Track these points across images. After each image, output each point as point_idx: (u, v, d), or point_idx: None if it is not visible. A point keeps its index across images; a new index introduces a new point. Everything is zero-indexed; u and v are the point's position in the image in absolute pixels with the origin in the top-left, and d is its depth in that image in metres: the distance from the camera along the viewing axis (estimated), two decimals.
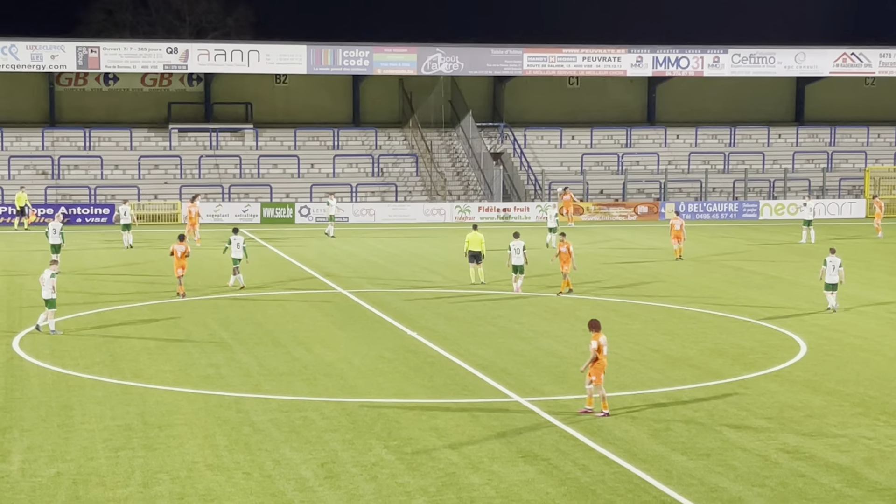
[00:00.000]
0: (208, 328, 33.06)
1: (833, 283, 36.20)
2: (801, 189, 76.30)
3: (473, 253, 41.40)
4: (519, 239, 39.49)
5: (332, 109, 79.44)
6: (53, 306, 31.81)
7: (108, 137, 74.46)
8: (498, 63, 76.90)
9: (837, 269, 36.13)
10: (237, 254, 40.66)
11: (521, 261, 39.05)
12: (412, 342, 31.22)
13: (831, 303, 36.54)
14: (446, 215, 68.48)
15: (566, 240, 40.34)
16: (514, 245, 39.15)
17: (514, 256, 39.14)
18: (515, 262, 39.13)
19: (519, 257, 39.02)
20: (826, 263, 36.31)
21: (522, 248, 39.14)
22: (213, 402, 24.44)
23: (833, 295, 36.41)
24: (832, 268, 36.15)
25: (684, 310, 36.88)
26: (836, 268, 36.13)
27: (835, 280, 36.17)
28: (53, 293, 31.61)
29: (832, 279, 36.18)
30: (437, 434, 22.14)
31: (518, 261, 39.06)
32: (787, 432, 22.43)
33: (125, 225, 54.75)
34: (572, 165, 77.33)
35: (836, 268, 36.13)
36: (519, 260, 39.04)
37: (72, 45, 72.48)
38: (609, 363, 28.38)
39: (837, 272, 36.12)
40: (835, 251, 36.89)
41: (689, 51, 78.80)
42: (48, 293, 31.57)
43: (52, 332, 31.77)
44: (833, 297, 36.43)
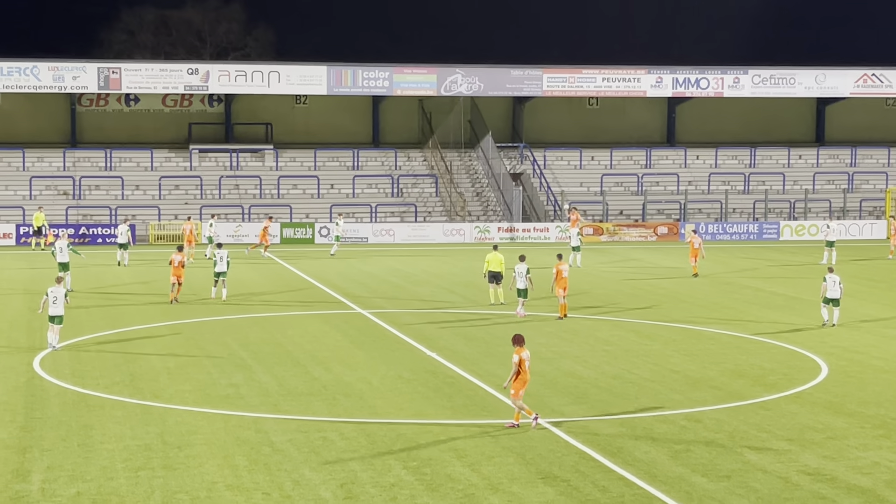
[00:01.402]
0: (228, 348, 33.09)
1: (835, 297, 37.07)
2: (822, 210, 76.09)
3: (493, 273, 41.25)
4: (524, 263, 39.01)
5: (351, 130, 79.62)
6: (61, 322, 32.46)
7: (128, 158, 74.76)
8: (517, 84, 77.00)
9: (838, 284, 37.04)
10: (221, 267, 42.75)
11: (524, 284, 38.57)
12: (431, 362, 31.18)
13: (826, 317, 37.41)
14: (466, 236, 68.49)
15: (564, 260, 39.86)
16: (519, 269, 38.66)
17: (518, 280, 38.69)
18: (519, 286, 38.64)
19: (522, 281, 38.51)
20: (826, 280, 37.20)
21: (526, 271, 38.62)
22: (233, 422, 24.43)
23: (836, 310, 37.25)
24: (833, 283, 37.01)
25: (704, 331, 36.75)
26: (836, 283, 37.03)
27: (836, 295, 37.04)
28: (61, 310, 32.29)
29: (833, 294, 37.04)
30: (457, 455, 22.09)
31: (521, 284, 38.58)
32: (808, 454, 22.30)
33: (121, 244, 54.75)
34: (592, 186, 77.28)
35: (836, 283, 37.03)
36: (522, 284, 38.55)
37: (93, 66, 72.87)
38: (630, 384, 28.41)
39: (839, 288, 37.03)
40: (832, 270, 37.97)
41: (709, 71, 78.77)
42: (58, 310, 32.18)
43: (53, 347, 32.33)
44: (836, 312, 37.27)
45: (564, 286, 38.50)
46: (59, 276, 34.69)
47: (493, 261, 41.27)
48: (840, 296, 37.16)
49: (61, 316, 32.40)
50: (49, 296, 32.41)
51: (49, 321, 32.51)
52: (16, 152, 73.60)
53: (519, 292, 38.83)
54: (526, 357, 24.05)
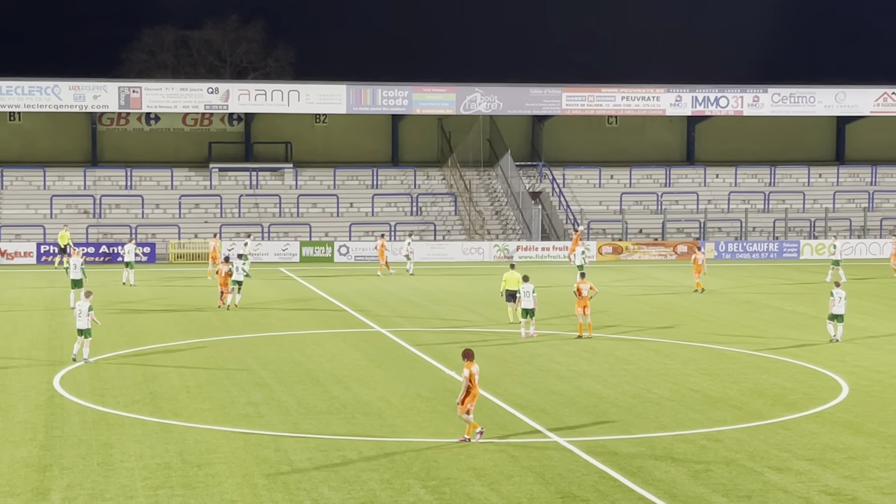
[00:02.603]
0: (247, 367, 33.13)
1: (839, 313, 37.52)
2: (842, 229, 75.85)
3: (511, 292, 41.09)
4: (528, 282, 38.64)
5: (371, 149, 79.79)
6: (90, 335, 33.33)
7: (149, 177, 75.04)
8: (537, 102, 77.08)
9: (843, 300, 37.59)
10: (238, 276, 45.93)
11: (531, 304, 38.25)
12: (450, 381, 31.14)
13: (832, 332, 37.83)
14: (485, 254, 68.48)
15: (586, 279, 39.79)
16: (524, 288, 38.28)
17: (524, 300, 38.32)
18: (525, 305, 38.25)
19: (529, 301, 38.20)
20: (833, 295, 37.64)
21: (532, 290, 38.31)
22: (252, 441, 24.45)
23: (840, 326, 37.74)
24: (839, 299, 37.49)
25: (724, 350, 36.65)
26: (842, 299, 37.55)
27: (841, 311, 37.52)
28: (87, 323, 33.12)
29: (839, 310, 37.52)
30: (476, 474, 22.05)
31: (528, 304, 38.27)
32: (829, 474, 22.20)
33: (127, 262, 54.74)
34: (611, 205, 77.24)
35: (842, 299, 37.55)
36: (529, 304, 38.24)
37: (114, 85, 73.22)
38: (650, 403, 28.34)
39: (843, 303, 37.57)
40: (839, 285, 38.63)
41: (729, 90, 78.74)
42: (84, 323, 33.05)
43: (85, 360, 33.20)
44: (840, 328, 37.75)
45: (584, 305, 38.40)
46: (87, 291, 34.95)
47: (510, 280, 41.08)
48: (844, 311, 37.68)
49: (87, 329, 33.22)
50: (76, 309, 33.56)
51: (77, 334, 33.48)
52: (37, 171, 73.96)
53: (524, 312, 38.48)
54: (476, 371, 24.37)
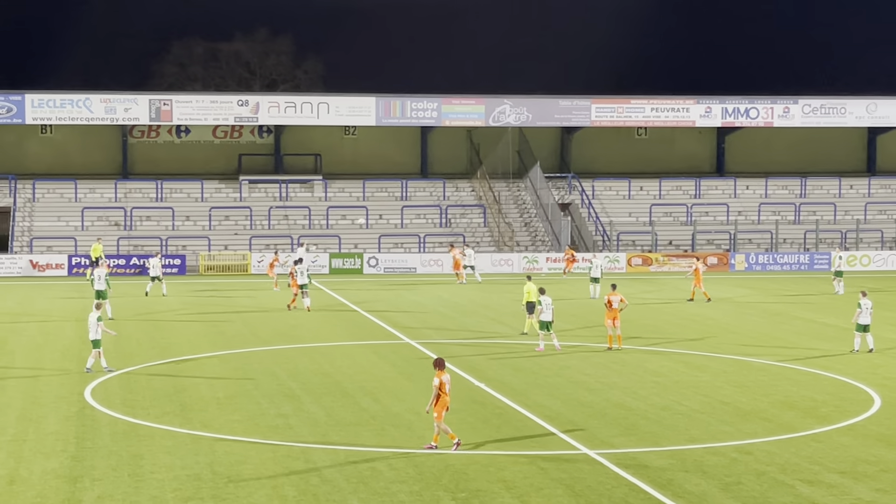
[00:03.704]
0: (277, 378, 33.19)
1: (866, 324, 37.70)
2: (874, 240, 75.43)
3: (531, 304, 40.98)
4: (546, 295, 38.49)
5: (400, 160, 79.91)
6: (99, 346, 33.81)
7: (179, 189, 75.36)
8: (566, 114, 77.05)
9: (870, 310, 37.75)
10: (302, 280, 48.65)
11: (549, 317, 38.04)
12: (480, 393, 31.12)
13: (858, 344, 37.97)
14: (514, 266, 68.42)
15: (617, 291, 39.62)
16: (544, 300, 38.11)
17: (544, 312, 38.08)
18: (545, 318, 38.07)
19: (548, 313, 38.00)
20: (861, 306, 37.78)
21: (550, 303, 38.11)
22: (282, 453, 24.48)
23: (868, 336, 37.87)
24: (866, 310, 37.66)
25: (754, 362, 36.49)
26: (868, 310, 37.71)
27: (868, 321, 37.69)
28: (98, 334, 33.63)
29: (865, 320, 37.70)
30: (506, 486, 22.02)
31: (547, 317, 38.05)
32: (861, 487, 22.06)
33: (153, 277, 54.98)
34: (641, 216, 77.07)
35: (868, 310, 37.71)
36: (548, 316, 38.04)
37: (145, 98, 73.64)
38: (680, 416, 28.24)
39: (869, 313, 37.74)
40: (866, 294, 38.52)
41: (759, 101, 78.50)
42: (94, 334, 33.64)
43: (105, 368, 33.73)
44: (869, 338, 37.90)
45: (614, 317, 38.32)
46: (97, 303, 35.39)
47: (531, 291, 40.99)
48: (870, 321, 37.84)
49: (96, 340, 33.71)
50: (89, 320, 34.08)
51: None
52: (68, 183, 74.40)
53: (542, 325, 38.34)
54: (447, 380, 24.51)
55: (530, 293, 40.94)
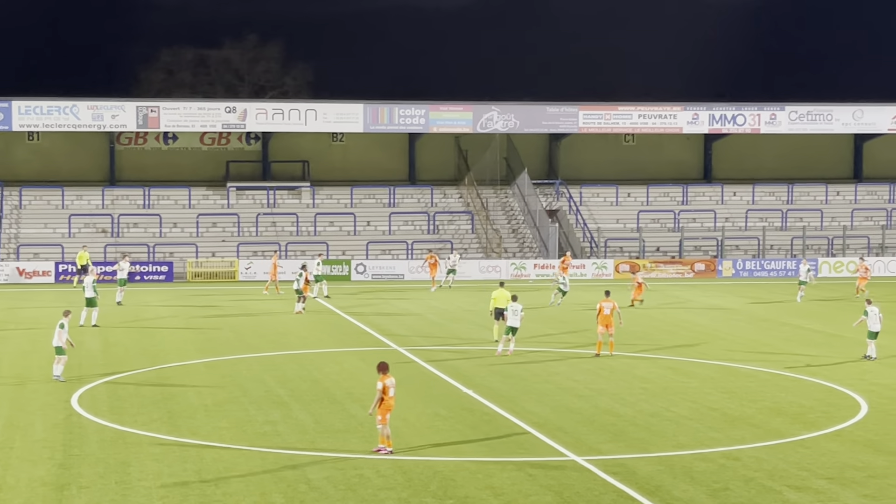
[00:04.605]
0: (265, 385, 33.15)
1: (876, 331, 37.56)
2: (861, 247, 75.60)
3: (499, 310, 41.19)
4: (517, 302, 38.71)
5: (388, 167, 79.87)
6: (61, 353, 33.51)
7: (166, 196, 75.26)
8: (553, 121, 77.12)
9: (878, 317, 37.66)
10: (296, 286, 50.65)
11: (517, 323, 38.30)
12: (468, 400, 31.13)
13: (873, 351, 37.86)
14: (502, 272, 68.38)
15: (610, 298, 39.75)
16: (512, 307, 38.42)
17: (510, 318, 38.38)
18: (511, 323, 38.31)
19: (515, 319, 38.26)
20: (867, 314, 37.72)
21: (520, 310, 38.38)
22: (270, 460, 24.45)
23: (872, 343, 37.81)
24: (874, 316, 37.58)
25: (742, 368, 36.55)
26: (877, 316, 37.62)
27: (878, 328, 37.58)
28: (59, 342, 33.39)
29: (875, 327, 37.56)
30: (494, 493, 22.01)
31: (514, 323, 38.27)
32: (848, 493, 22.10)
33: (120, 280, 54.46)
34: (628, 223, 77.17)
35: (877, 316, 37.62)
36: (515, 322, 38.28)
37: (132, 104, 73.52)
38: (668, 422, 28.27)
39: (879, 319, 37.65)
40: (871, 301, 38.55)
41: (746, 108, 78.67)
42: (56, 341, 33.48)
43: (56, 377, 33.37)
44: (872, 346, 37.82)
45: (606, 323, 38.35)
46: (66, 310, 35.12)
47: (499, 297, 41.21)
48: (879, 328, 37.65)
49: (58, 347, 33.47)
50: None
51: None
52: (55, 190, 74.25)
53: (508, 329, 38.53)
54: (390, 384, 24.76)
55: (497, 299, 41.31)
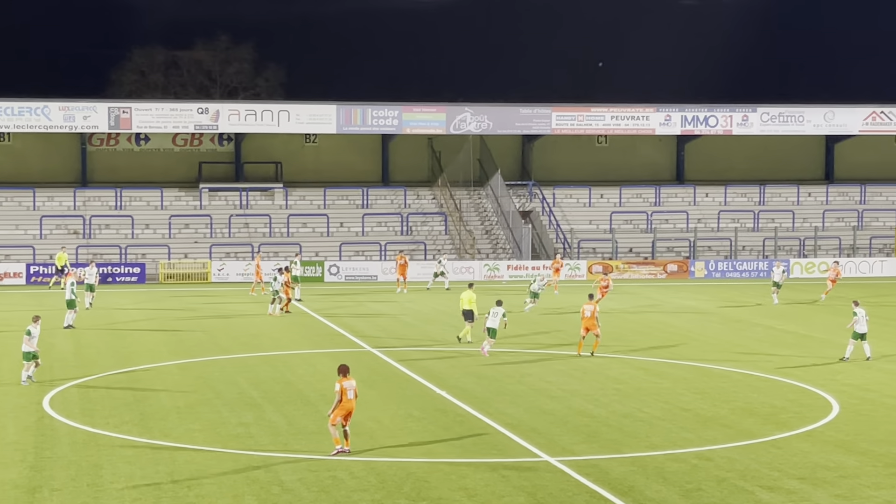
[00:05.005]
0: (238, 387, 33.07)
1: (863, 332, 37.63)
2: (832, 248, 76.00)
3: (467, 311, 41.48)
4: (501, 306, 39.12)
5: (361, 168, 79.80)
6: (28, 359, 33.24)
7: (138, 197, 74.98)
8: (526, 122, 77.21)
9: (865, 318, 37.72)
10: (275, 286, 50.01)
11: (496, 324, 38.70)
12: (441, 401, 31.13)
13: (849, 352, 37.90)
14: (475, 274, 68.43)
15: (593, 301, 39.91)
16: (494, 310, 38.92)
17: (490, 319, 38.85)
18: (490, 324, 38.75)
19: (495, 321, 38.69)
20: (856, 314, 37.79)
21: (502, 314, 38.81)
22: (243, 462, 24.39)
23: (865, 344, 37.81)
24: (861, 318, 37.62)
25: (715, 369, 36.67)
26: (864, 318, 37.70)
27: (865, 329, 37.63)
28: (29, 347, 33.05)
29: (862, 329, 37.63)
30: (467, 494, 22.02)
31: (492, 324, 38.69)
32: (820, 493, 22.20)
33: (89, 285, 53.11)
34: (601, 224, 77.34)
35: (864, 318, 37.70)
36: (494, 323, 38.69)
37: (104, 105, 73.20)
38: (641, 423, 28.34)
39: (866, 321, 37.70)
40: (858, 303, 38.46)
41: (718, 109, 78.94)
42: (25, 346, 33.13)
43: (23, 382, 33.04)
44: (866, 346, 37.86)
45: (587, 326, 38.47)
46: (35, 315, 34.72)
47: (465, 299, 41.63)
48: (867, 329, 37.82)
49: (26, 353, 33.15)
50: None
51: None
52: (27, 192, 73.86)
53: (489, 331, 38.85)
54: (349, 387, 24.80)
55: (469, 300, 41.49)
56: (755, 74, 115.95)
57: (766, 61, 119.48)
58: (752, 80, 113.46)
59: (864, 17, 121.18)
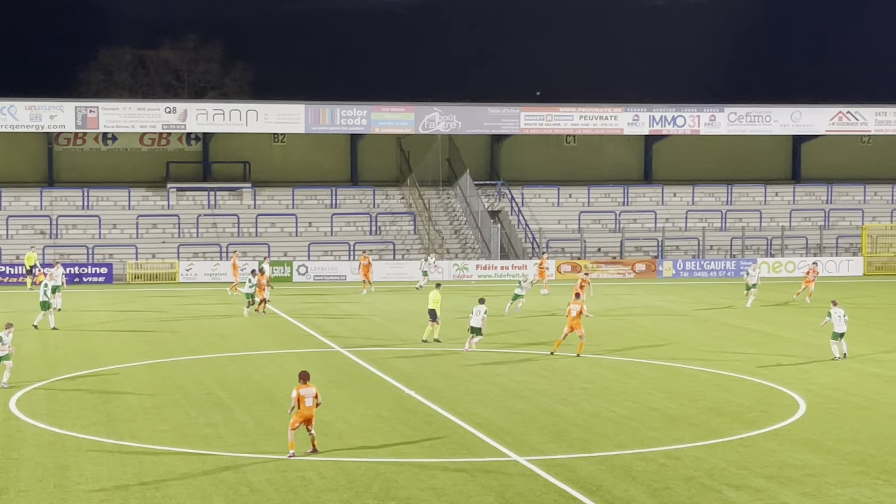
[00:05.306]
0: (206, 388, 32.96)
1: (842, 332, 37.82)
2: (799, 247, 76.41)
3: (430, 311, 41.79)
4: (483, 304, 39.59)
5: (329, 168, 79.69)
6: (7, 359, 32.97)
7: (106, 197, 74.61)
8: (495, 122, 77.27)
9: (843, 318, 37.85)
10: (246, 289, 50.00)
11: (478, 323, 39.27)
12: (410, 401, 31.12)
13: (836, 352, 38.09)
14: (444, 274, 68.45)
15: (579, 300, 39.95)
16: (477, 308, 39.46)
17: (473, 318, 39.42)
18: (473, 323, 39.36)
19: (477, 319, 39.24)
20: (831, 315, 38.00)
21: (484, 312, 39.34)
22: (211, 462, 24.31)
23: (843, 343, 38.09)
24: (838, 317, 37.80)
25: (683, 368, 36.80)
26: (841, 317, 37.83)
27: (843, 329, 37.84)
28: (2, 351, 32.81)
29: (840, 328, 37.82)
30: (436, 494, 22.02)
31: (476, 323, 39.28)
32: (787, 491, 22.32)
33: (54, 287, 50.78)
34: (570, 223, 77.48)
35: (841, 317, 37.83)
36: (477, 323, 39.25)
37: (71, 105, 72.80)
38: (609, 422, 28.41)
39: (844, 321, 37.88)
40: (836, 303, 38.65)
41: (686, 109, 79.20)
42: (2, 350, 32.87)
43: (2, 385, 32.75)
44: (843, 345, 38.12)
45: (571, 325, 38.57)
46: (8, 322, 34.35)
47: (430, 299, 42.14)
48: (846, 329, 38.01)
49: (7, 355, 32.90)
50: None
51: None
52: None
53: (472, 329, 39.37)
54: (306, 394, 24.58)
55: (434, 300, 41.78)
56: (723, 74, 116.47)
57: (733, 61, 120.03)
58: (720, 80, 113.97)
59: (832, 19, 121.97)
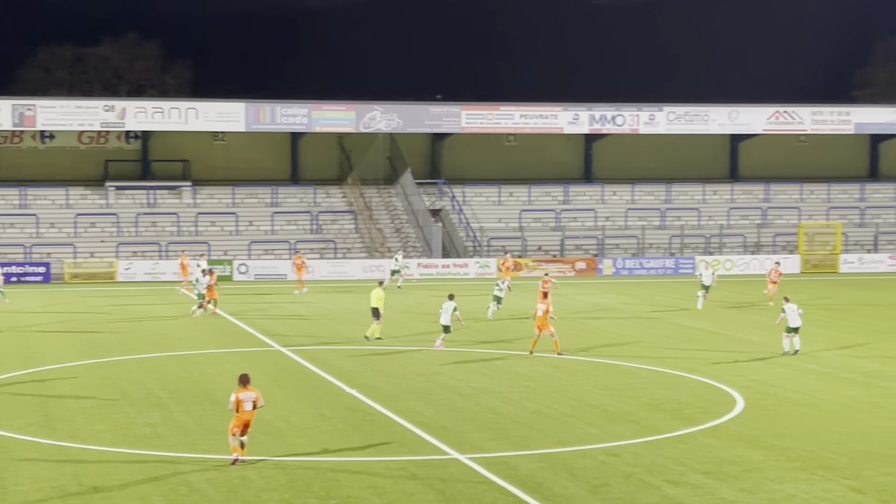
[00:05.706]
0: (145, 387, 32.76)
1: (796, 326, 38.45)
2: (737, 245, 77.11)
3: (376, 309, 41.84)
4: (452, 301, 40.07)
5: (270, 166, 79.36)
6: None
7: (43, 195, 73.88)
8: (436, 120, 77.33)
9: (797, 312, 38.51)
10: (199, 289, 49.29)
11: (447, 321, 39.69)
12: (351, 400, 31.11)
13: (787, 346, 38.70)
14: (385, 272, 68.43)
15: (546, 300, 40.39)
16: (446, 306, 39.94)
17: (442, 316, 39.93)
18: (443, 321, 39.80)
19: (447, 317, 39.72)
20: (785, 311, 38.61)
21: (453, 309, 39.75)
22: (150, 462, 24.18)
23: (797, 338, 38.68)
24: (792, 312, 38.43)
25: (623, 365, 37.04)
26: (795, 311, 38.47)
27: (798, 323, 38.50)
28: None
29: (795, 323, 38.46)
30: (377, 492, 22.03)
31: (445, 321, 39.72)
32: (725, 487, 22.53)
33: None
34: (510, 222, 77.71)
35: (795, 311, 38.47)
36: (446, 320, 39.69)
37: (7, 102, 72.01)
38: (550, 419, 28.54)
39: (798, 315, 38.54)
40: (789, 299, 39.34)
41: (625, 108, 79.68)
42: None
43: None
44: (797, 341, 38.69)
45: (539, 325, 38.71)
46: None
47: (373, 297, 42.11)
48: (801, 323, 38.65)
49: None
50: None
51: None
52: None
53: (444, 328, 39.78)
54: (245, 398, 24.28)
55: (377, 298, 41.94)
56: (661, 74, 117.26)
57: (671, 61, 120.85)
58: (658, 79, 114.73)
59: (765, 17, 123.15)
